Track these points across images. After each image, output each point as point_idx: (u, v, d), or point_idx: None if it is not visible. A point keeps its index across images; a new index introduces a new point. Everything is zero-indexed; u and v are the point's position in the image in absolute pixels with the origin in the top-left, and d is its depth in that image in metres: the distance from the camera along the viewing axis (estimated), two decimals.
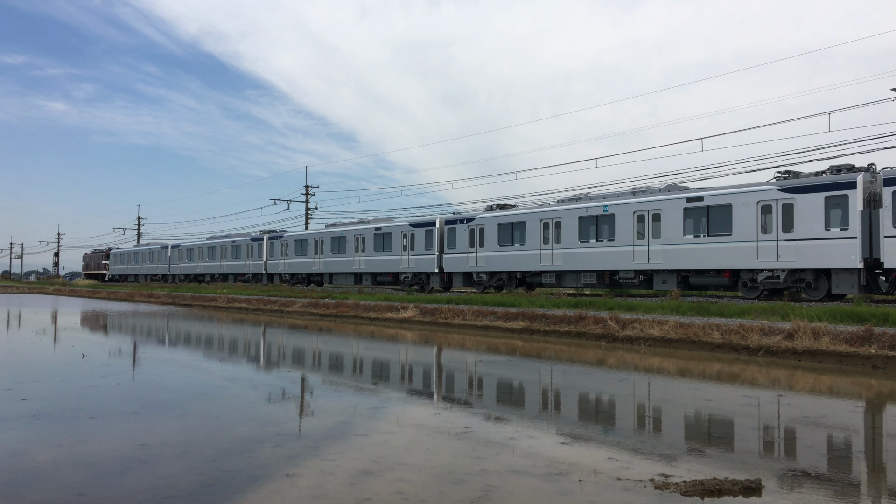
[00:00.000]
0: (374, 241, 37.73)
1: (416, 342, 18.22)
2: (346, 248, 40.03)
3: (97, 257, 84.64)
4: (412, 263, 35.03)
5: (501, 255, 30.51)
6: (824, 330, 13.56)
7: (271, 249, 48.04)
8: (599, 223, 26.56)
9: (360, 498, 5.09)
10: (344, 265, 40.34)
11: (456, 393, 10.55)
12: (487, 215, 31.62)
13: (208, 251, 56.54)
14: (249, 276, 50.90)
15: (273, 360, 14.90)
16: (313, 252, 43.27)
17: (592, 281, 27.18)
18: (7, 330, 23.83)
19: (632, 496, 5.14)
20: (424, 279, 35.09)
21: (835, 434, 7.80)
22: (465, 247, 32.32)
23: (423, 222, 35.06)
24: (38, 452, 6.46)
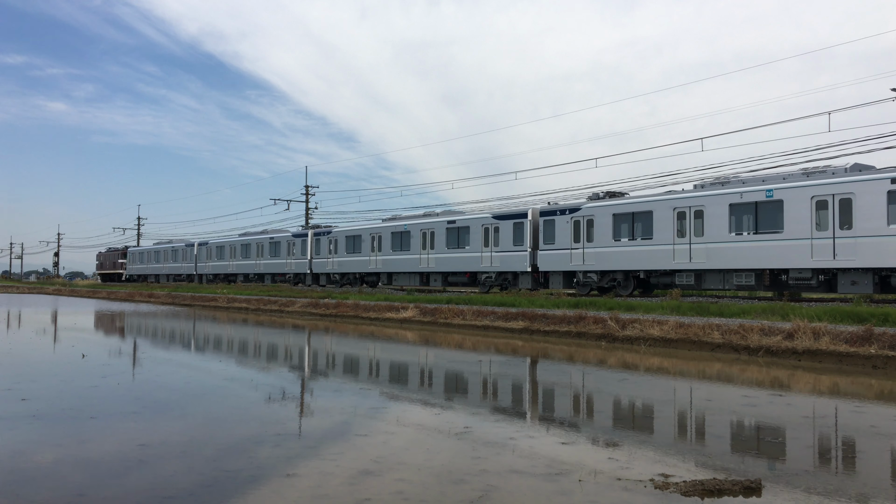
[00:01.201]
0: (445, 236, 33.17)
1: (416, 342, 18.21)
2: (411, 244, 35.29)
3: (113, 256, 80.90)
4: (496, 261, 30.56)
5: (617, 251, 25.90)
6: (824, 330, 13.55)
7: (317, 247, 43.00)
8: (760, 211, 21.78)
9: (360, 498, 5.09)
10: (407, 264, 35.54)
11: (456, 393, 10.55)
12: (598, 204, 26.98)
13: (242, 249, 51.83)
14: (290, 277, 46.31)
15: (273, 360, 14.90)
16: (369, 249, 38.34)
17: (749, 282, 22.34)
18: (7, 330, 23.83)
19: (632, 496, 5.14)
20: (511, 279, 30.49)
21: (835, 434, 7.80)
22: (566, 241, 27.70)
23: (510, 214, 30.53)
24: (38, 452, 6.45)
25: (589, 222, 27.18)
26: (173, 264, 62.98)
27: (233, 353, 16.02)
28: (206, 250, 57.59)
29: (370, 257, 38.30)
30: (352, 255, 39.81)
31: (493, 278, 31.14)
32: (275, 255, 47.39)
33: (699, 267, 23.34)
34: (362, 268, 38.98)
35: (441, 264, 33.56)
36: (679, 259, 23.93)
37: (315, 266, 43.17)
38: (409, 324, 22.93)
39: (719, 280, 23.21)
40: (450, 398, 9.97)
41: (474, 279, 32.62)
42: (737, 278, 22.60)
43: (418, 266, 34.83)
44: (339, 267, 40.83)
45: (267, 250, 48.39)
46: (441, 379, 12.12)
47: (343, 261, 40.56)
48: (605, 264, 26.38)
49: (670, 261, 24.20)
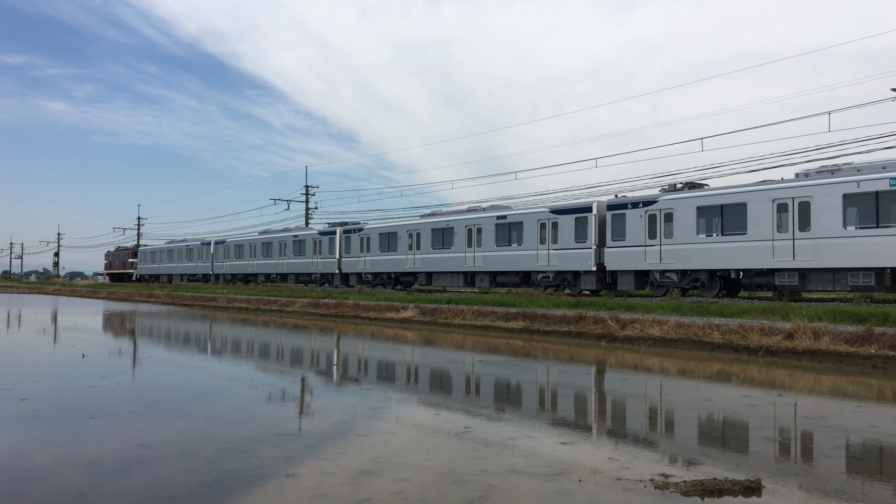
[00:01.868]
0: (495, 232, 30.75)
1: (416, 342, 18.21)
2: (454, 241, 32.68)
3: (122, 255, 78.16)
4: (554, 260, 28.19)
5: (702, 247, 23.37)
6: (824, 330, 13.56)
7: (346, 245, 40.13)
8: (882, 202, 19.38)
9: (360, 498, 5.09)
10: (450, 262, 32.91)
11: (456, 393, 10.55)
12: (678, 196, 24.31)
13: (262, 248, 48.83)
14: (317, 277, 43.63)
15: (273, 360, 14.90)
16: (406, 247, 35.72)
17: (867, 282, 19.85)
18: (7, 330, 23.83)
19: (632, 496, 5.14)
20: (571, 279, 28.18)
21: (835, 434, 7.80)
22: (639, 238, 25.21)
23: (571, 208, 28.02)
24: (38, 452, 6.46)
25: (667, 216, 24.52)
26: (187, 264, 60.21)
27: (233, 353, 16.02)
28: (223, 249, 54.79)
29: (407, 256, 35.67)
30: (386, 253, 37.11)
31: (550, 278, 28.80)
32: (299, 253, 44.64)
33: (804, 266, 20.91)
34: (398, 267, 36.28)
35: (489, 263, 31.05)
36: (780, 257, 21.42)
37: (345, 265, 40.48)
38: (409, 324, 22.93)
39: (829, 280, 20.79)
40: (450, 398, 9.97)
41: (527, 279, 30.25)
42: (852, 278, 20.16)
43: (463, 265, 32.26)
44: (372, 266, 38.15)
45: (290, 249, 45.66)
46: (441, 379, 12.12)
47: (376, 259, 37.85)
48: (687, 262, 23.78)
49: (769, 259, 21.70)
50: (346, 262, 40.40)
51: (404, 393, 10.44)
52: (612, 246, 26.26)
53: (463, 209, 34.35)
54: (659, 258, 24.70)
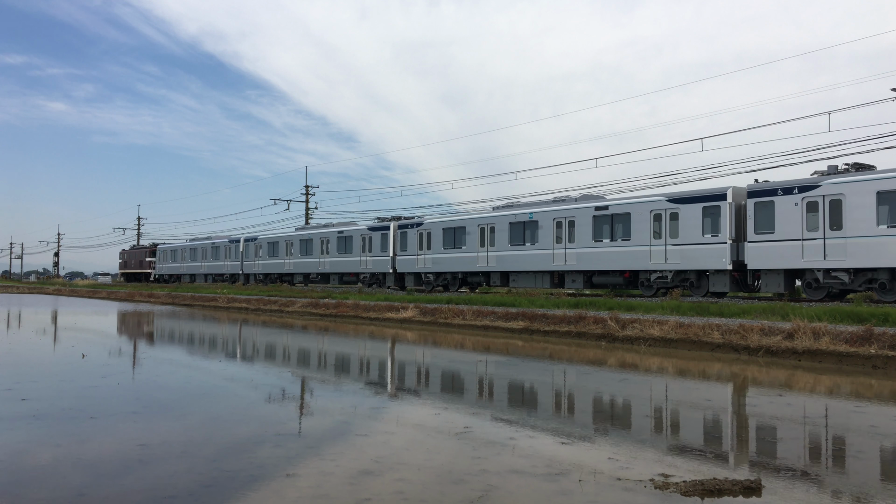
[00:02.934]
0: (592, 225, 26.77)
1: (417, 342, 18.21)
2: (539, 236, 28.79)
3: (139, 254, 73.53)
4: (673, 257, 24.04)
5: (886, 240, 19.26)
6: (824, 330, 13.56)
7: (402, 242, 36.22)
8: None
9: (360, 498, 5.09)
10: (533, 260, 28.99)
11: (456, 393, 10.55)
12: (849, 180, 20.15)
13: (301, 245, 44.56)
14: (366, 277, 39.56)
15: (273, 360, 14.90)
16: (476, 243, 31.80)
17: None
18: (7, 330, 23.83)
19: (632, 496, 5.14)
20: (694, 279, 23.93)
21: (835, 434, 7.80)
22: (793, 230, 21.00)
23: (696, 195, 23.86)
24: (38, 452, 6.46)
25: (834, 204, 20.28)
26: (213, 262, 55.78)
27: (232, 353, 16.02)
28: (254, 247, 50.20)
29: (478, 253, 31.60)
30: (451, 250, 33.03)
31: (668, 278, 24.54)
32: (345, 251, 40.28)
33: None
34: (465, 266, 32.27)
35: (585, 261, 26.99)
36: None
37: (400, 264, 36.36)
38: (409, 324, 22.93)
39: None
40: (449, 398, 9.97)
41: (635, 279, 26.07)
42: None
43: (550, 263, 28.22)
44: (434, 265, 33.98)
45: (334, 246, 41.24)
46: (441, 379, 12.12)
47: (439, 258, 33.63)
48: (864, 259, 19.66)
49: None
50: (401, 261, 36.38)
51: (404, 393, 10.44)
52: (755, 240, 21.98)
53: (547, 199, 30.45)
54: (823, 254, 20.40)
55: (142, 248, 74.69)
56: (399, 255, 36.48)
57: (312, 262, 43.48)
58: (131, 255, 75.86)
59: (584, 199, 28.63)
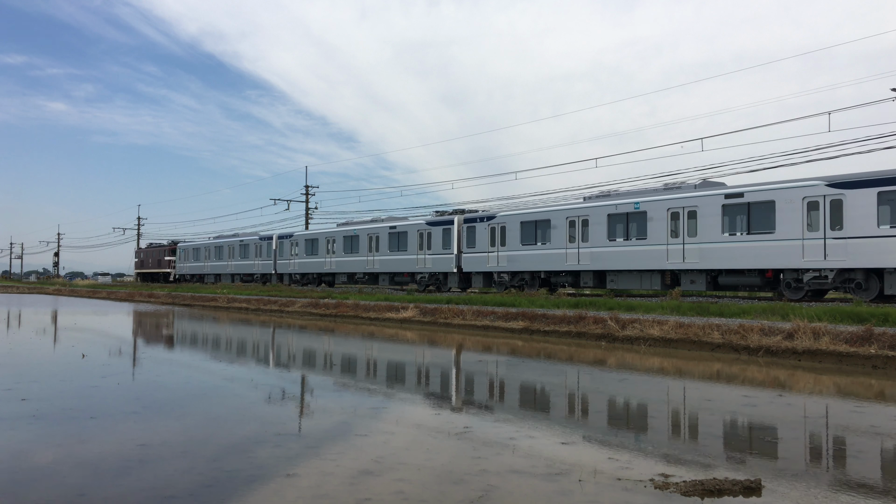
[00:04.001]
0: (721, 216, 22.78)
1: (416, 342, 18.21)
2: (648, 230, 24.76)
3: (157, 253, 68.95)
4: (835, 253, 19.92)
5: None
6: (824, 330, 13.56)
7: (470, 237, 32.26)
8: None
9: (360, 498, 5.09)
10: (641, 258, 24.98)
11: (456, 393, 10.55)
12: None
13: (346, 243, 40.50)
14: (424, 277, 35.21)
15: (273, 360, 14.90)
16: (563, 239, 27.92)
17: None
18: (7, 330, 23.83)
19: (632, 496, 5.14)
20: (862, 281, 19.85)
21: (835, 434, 7.80)
22: None
23: (869, 178, 19.54)
24: (38, 452, 6.46)
25: None
26: (242, 262, 51.92)
27: (232, 353, 16.02)
28: (289, 244, 46.28)
29: (566, 250, 27.87)
30: (531, 247, 29.45)
31: (828, 279, 20.47)
32: (398, 248, 36.33)
33: None
34: (551, 264, 28.45)
35: (709, 258, 23.14)
36: None
37: (466, 262, 32.50)
38: (409, 324, 22.93)
39: None
40: (450, 398, 9.97)
41: (776, 280, 22.07)
42: None
43: (663, 261, 24.33)
44: (510, 263, 30.27)
45: (385, 243, 37.34)
46: (441, 379, 12.13)
47: (516, 255, 30.02)
48: None
49: None
50: (468, 259, 32.41)
51: (404, 393, 10.44)
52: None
53: (657, 187, 26.51)
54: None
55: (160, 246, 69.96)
56: (466, 252, 32.51)
57: (358, 261, 39.35)
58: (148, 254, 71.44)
59: (707, 185, 24.62)
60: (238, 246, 52.68)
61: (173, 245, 66.21)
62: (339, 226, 42.82)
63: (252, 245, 50.72)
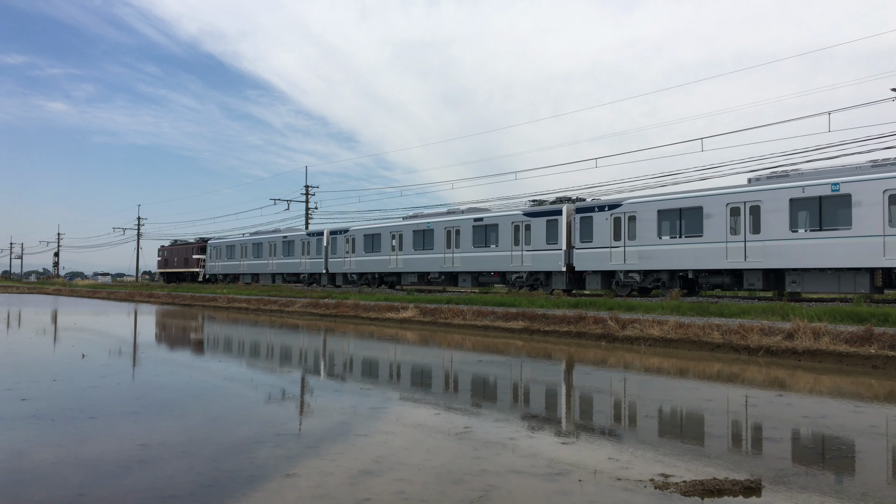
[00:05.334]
0: None
1: (416, 342, 18.21)
2: (852, 218, 19.95)
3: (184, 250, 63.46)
4: None
5: None
6: (824, 330, 13.56)
7: (585, 230, 27.42)
8: None
9: (360, 498, 5.09)
10: (840, 253, 20.16)
11: (456, 393, 10.55)
12: None
13: (416, 238, 35.43)
14: (522, 276, 30.27)
15: (273, 360, 14.90)
16: (723, 230, 22.82)
17: None
18: (7, 330, 23.82)
19: (632, 496, 5.14)
20: None
21: (835, 434, 7.79)
22: None
23: None
24: (38, 452, 6.45)
25: None
26: (285, 260, 46.70)
27: (232, 353, 16.02)
28: (343, 241, 41.16)
29: (726, 243, 22.72)
30: (673, 240, 24.38)
31: None
32: (485, 244, 31.68)
33: None
34: (703, 260, 23.41)
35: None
36: None
37: (579, 259, 27.62)
38: (409, 324, 22.92)
39: None
40: (449, 398, 9.97)
41: None
42: None
43: (878, 258, 19.36)
44: (641, 260, 25.42)
45: (467, 238, 32.57)
46: (441, 379, 12.12)
47: (650, 251, 25.12)
48: None
49: None
50: (581, 255, 27.53)
51: (404, 393, 10.44)
52: None
53: (861, 164, 21.01)
54: None
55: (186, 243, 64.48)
56: (579, 247, 27.69)
57: (433, 259, 34.44)
58: (174, 253, 65.73)
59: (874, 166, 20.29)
60: (281, 242, 47.23)
61: (202, 242, 60.72)
62: (405, 219, 37.68)
63: (298, 241, 45.21)
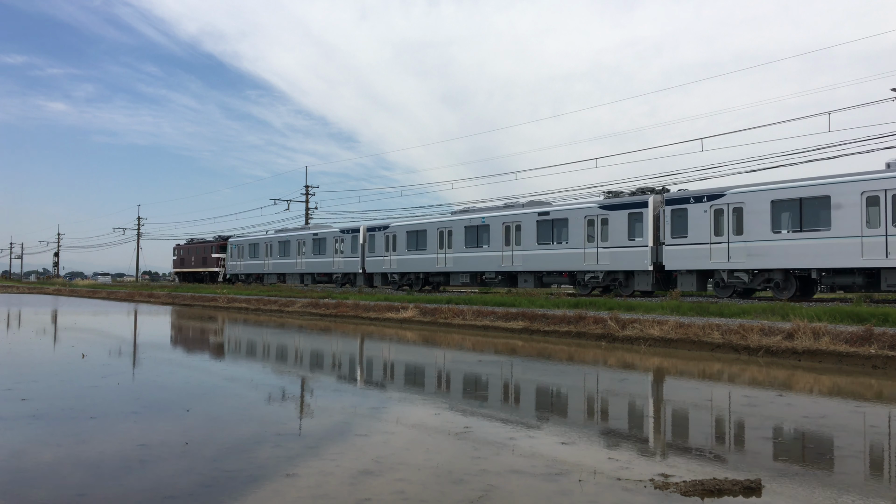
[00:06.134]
0: None
1: (416, 342, 18.21)
2: None
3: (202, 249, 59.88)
4: None
5: None
6: (824, 330, 13.55)
7: (678, 224, 23.65)
8: None
9: (360, 498, 5.09)
10: None
11: (456, 393, 10.55)
12: None
13: (469, 234, 31.93)
14: (598, 276, 26.74)
15: (272, 360, 14.89)
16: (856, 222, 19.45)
17: None
18: (7, 330, 23.82)
19: (632, 496, 5.14)
20: None
21: (835, 434, 7.80)
22: None
23: None
24: (38, 452, 6.45)
25: None
26: (316, 259, 43.13)
27: (232, 353, 16.02)
28: (383, 238, 37.38)
29: (862, 238, 19.35)
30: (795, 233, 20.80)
31: None
32: (552, 240, 28.05)
33: None
34: (833, 258, 19.97)
35: None
36: None
37: (669, 257, 23.86)
38: (409, 324, 22.92)
39: None
40: (449, 398, 9.97)
41: None
42: None
43: None
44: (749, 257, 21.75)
45: (530, 234, 28.97)
46: (441, 379, 12.12)
47: (760, 246, 21.48)
48: None
49: None
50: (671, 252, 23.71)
51: (404, 393, 10.44)
52: None
53: None
54: None
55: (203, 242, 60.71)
56: (670, 243, 23.85)
57: (488, 257, 30.96)
58: (190, 251, 62.10)
59: None
60: (311, 240, 43.82)
61: (222, 241, 57.08)
62: (454, 213, 34.50)
63: (330, 239, 41.88)
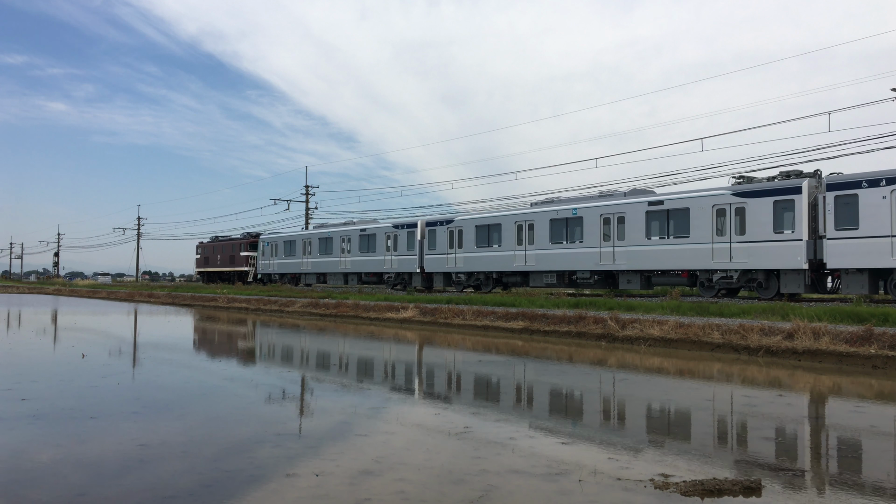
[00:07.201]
0: None
1: (416, 342, 18.21)
2: None
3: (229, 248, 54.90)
4: None
5: None
6: (824, 330, 13.55)
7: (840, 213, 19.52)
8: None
9: (360, 498, 5.09)
10: None
11: (455, 393, 10.55)
12: None
13: (555, 228, 27.67)
14: (733, 275, 22.06)
15: (273, 360, 14.89)
16: None
17: None
18: (7, 330, 23.82)
19: (632, 496, 5.14)
20: None
21: (835, 434, 7.79)
22: None
23: None
24: (38, 452, 6.45)
25: None
26: (364, 257, 38.10)
27: (232, 353, 16.02)
28: (445, 234, 32.89)
29: None
30: None
31: None
32: (669, 233, 23.61)
33: None
34: None
35: None
36: None
37: (833, 253, 19.68)
38: (409, 324, 22.92)
39: None
40: (449, 398, 9.97)
41: None
42: None
43: None
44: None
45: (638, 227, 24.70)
46: (441, 379, 12.12)
47: None
48: None
49: None
50: (836, 247, 19.63)
51: (404, 393, 10.44)
52: None
53: None
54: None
55: (230, 239, 55.74)
56: (833, 236, 19.61)
57: (582, 254, 26.57)
58: (216, 250, 56.91)
59: None
60: (357, 237, 38.62)
61: (251, 238, 52.82)
62: (534, 205, 29.76)
63: (381, 235, 36.90)
